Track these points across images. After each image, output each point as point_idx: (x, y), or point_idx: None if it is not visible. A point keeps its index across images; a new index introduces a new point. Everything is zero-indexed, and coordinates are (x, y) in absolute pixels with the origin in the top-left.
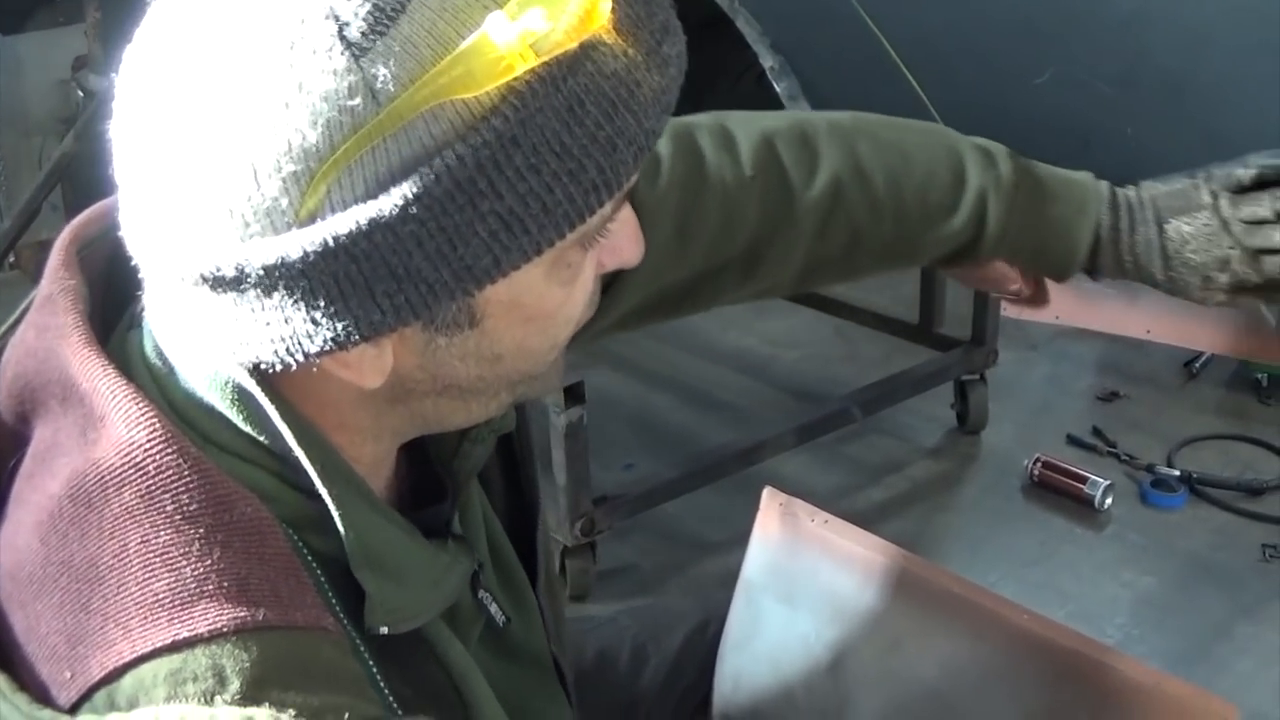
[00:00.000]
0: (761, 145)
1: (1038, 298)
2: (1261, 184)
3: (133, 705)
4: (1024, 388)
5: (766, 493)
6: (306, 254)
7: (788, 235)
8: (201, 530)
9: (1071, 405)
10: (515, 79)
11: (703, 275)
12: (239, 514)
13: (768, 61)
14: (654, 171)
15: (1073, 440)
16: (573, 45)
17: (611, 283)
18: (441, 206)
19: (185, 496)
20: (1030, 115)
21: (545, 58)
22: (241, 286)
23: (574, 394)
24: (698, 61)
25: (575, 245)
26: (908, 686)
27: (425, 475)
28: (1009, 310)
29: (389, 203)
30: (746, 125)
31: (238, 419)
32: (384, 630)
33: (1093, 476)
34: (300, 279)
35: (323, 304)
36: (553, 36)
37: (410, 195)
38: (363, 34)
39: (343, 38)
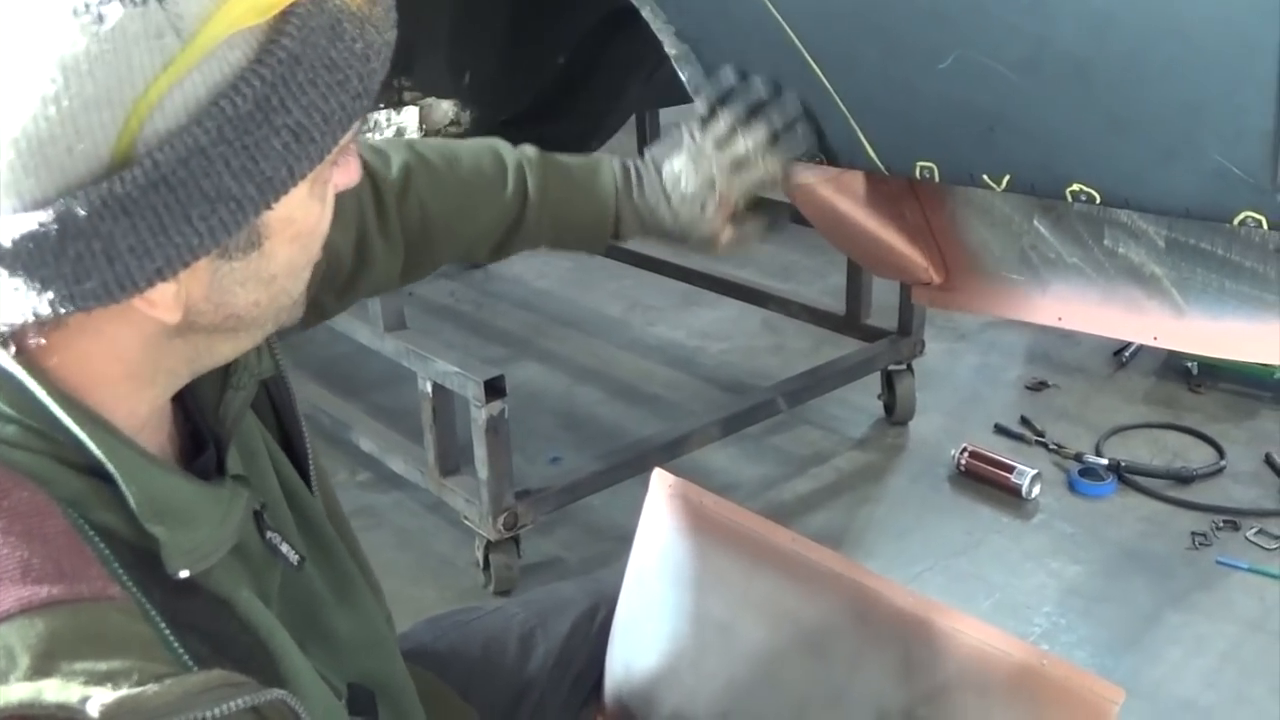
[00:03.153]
0: None
1: (948, 286)
2: (716, 112)
3: None
4: (952, 378)
5: (655, 475)
6: (129, 191)
7: (385, 215)
8: None
9: (1000, 395)
10: (290, 4)
11: (354, 258)
12: (15, 499)
13: (672, 50)
14: None
15: (1000, 430)
16: None
17: None
18: (245, 126)
19: None
20: (934, 101)
21: None
22: (65, 236)
23: (494, 388)
24: (614, 55)
25: (331, 161)
26: (794, 667)
27: (200, 429)
28: (920, 298)
29: (201, 130)
30: None
31: (3, 405)
32: (184, 574)
33: (1020, 466)
34: (123, 215)
35: (147, 236)
36: None
37: (220, 120)
38: None
39: None
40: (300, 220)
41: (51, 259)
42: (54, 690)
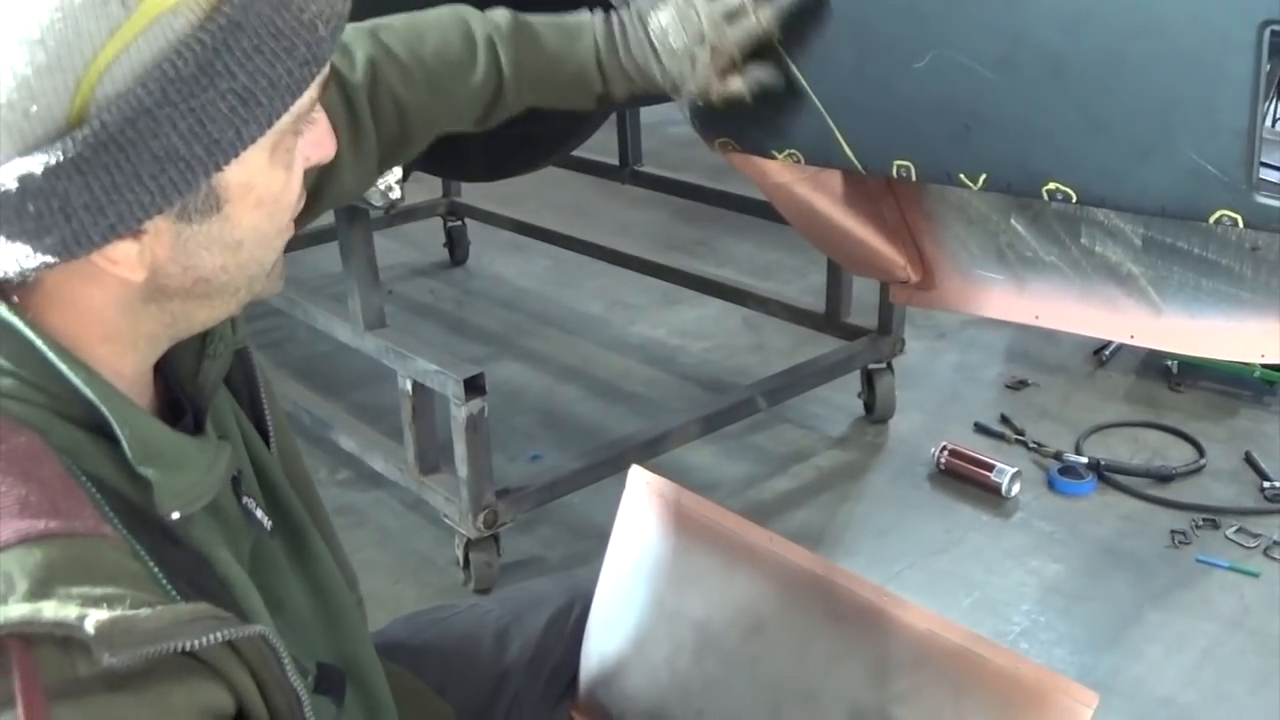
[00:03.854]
0: None
1: (925, 284)
2: None
3: None
4: (932, 376)
5: (633, 472)
6: (80, 150)
7: (356, 120)
8: None
9: (980, 393)
10: None
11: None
12: (13, 444)
13: None
14: None
15: (980, 428)
16: None
17: None
18: (189, 89)
19: None
20: (911, 100)
21: None
22: (26, 195)
23: (474, 386)
24: None
25: (290, 130)
26: (769, 666)
27: (177, 400)
28: (898, 297)
29: (146, 92)
30: None
31: (1, 357)
32: (175, 515)
33: (1000, 464)
34: (76, 175)
35: (99, 194)
36: None
37: (166, 78)
38: None
39: None
40: (262, 187)
41: (14, 216)
42: (52, 609)
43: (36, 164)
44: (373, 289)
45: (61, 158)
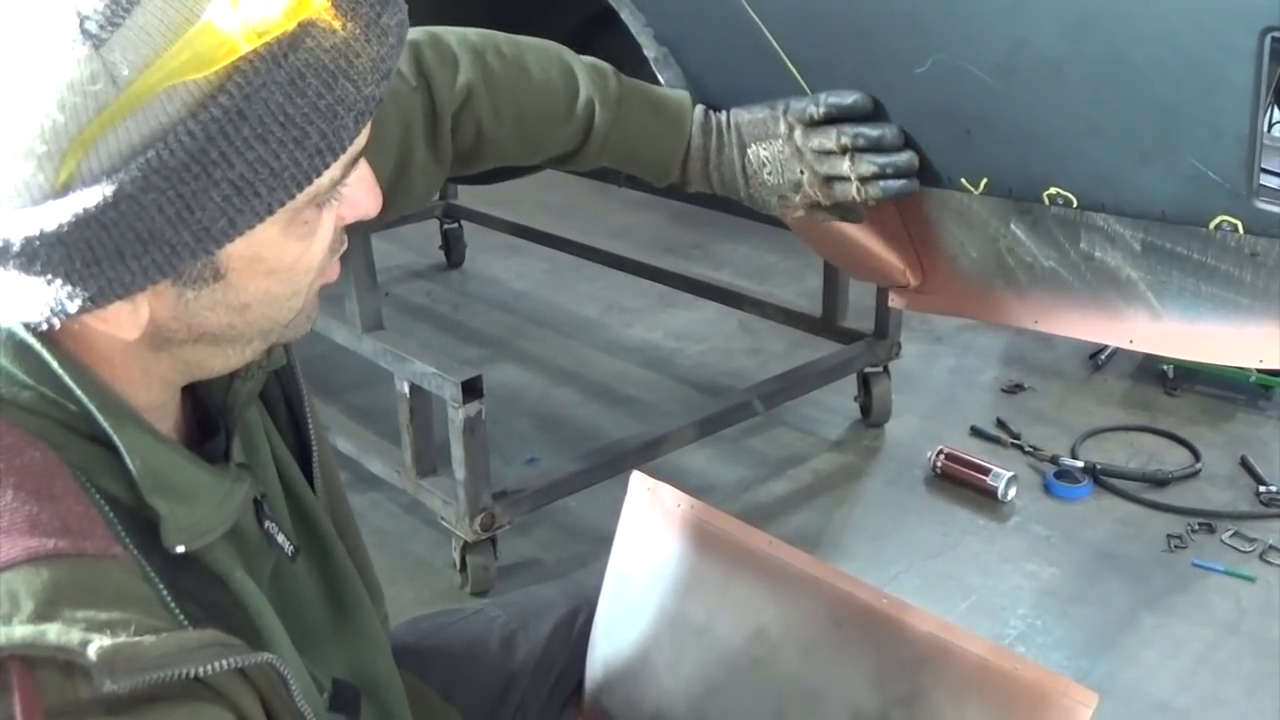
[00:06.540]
0: (414, 58)
1: (924, 289)
2: (830, 120)
3: None
4: (928, 380)
5: (634, 478)
6: (61, 224)
7: (438, 134)
8: None
9: (976, 397)
10: (240, 59)
11: (393, 177)
12: (27, 459)
13: (651, 52)
14: None
15: (976, 432)
16: (291, 25)
17: None
18: (178, 176)
19: None
20: (912, 105)
21: (266, 38)
22: (6, 256)
23: (472, 389)
24: (595, 57)
25: (310, 205)
26: (771, 671)
27: (208, 415)
28: (896, 302)
29: (131, 175)
30: None
31: (20, 373)
32: (181, 549)
33: (996, 468)
34: (58, 246)
35: (79, 267)
36: (272, 18)
37: (149, 167)
38: (100, 26)
39: (83, 30)
40: (273, 258)
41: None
42: (55, 633)
43: (17, 230)
44: (370, 291)
45: (43, 229)
